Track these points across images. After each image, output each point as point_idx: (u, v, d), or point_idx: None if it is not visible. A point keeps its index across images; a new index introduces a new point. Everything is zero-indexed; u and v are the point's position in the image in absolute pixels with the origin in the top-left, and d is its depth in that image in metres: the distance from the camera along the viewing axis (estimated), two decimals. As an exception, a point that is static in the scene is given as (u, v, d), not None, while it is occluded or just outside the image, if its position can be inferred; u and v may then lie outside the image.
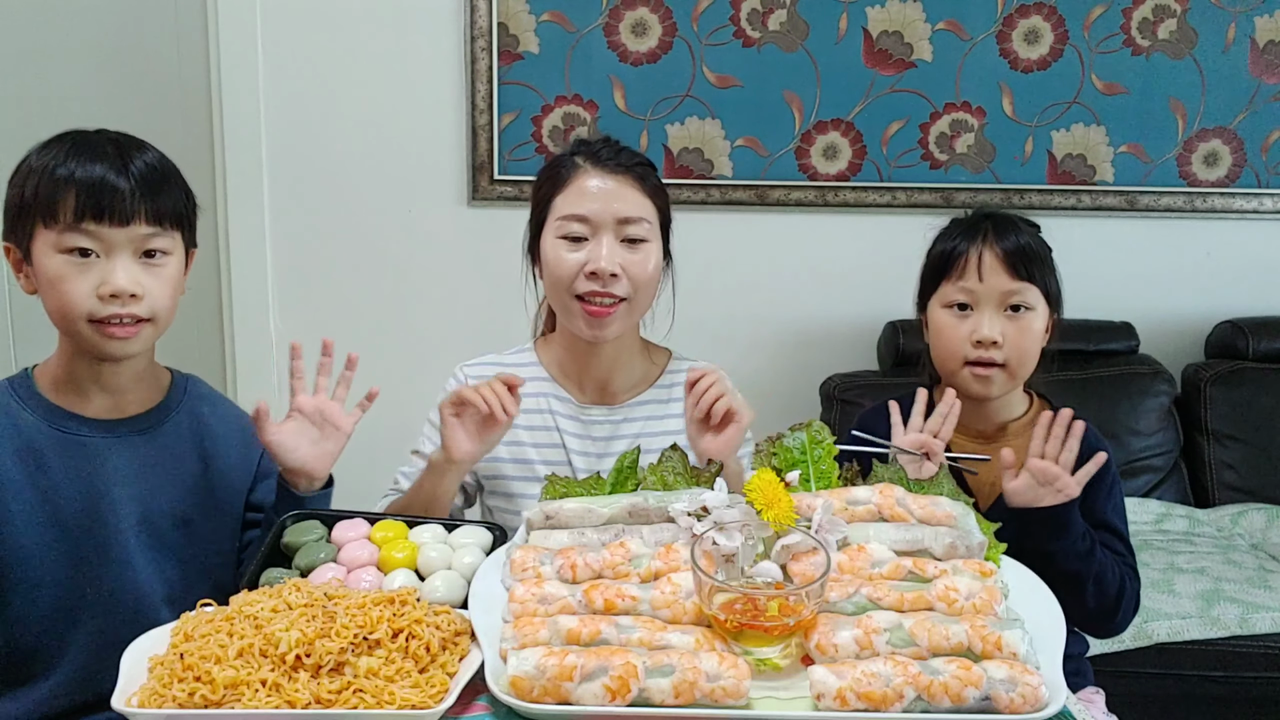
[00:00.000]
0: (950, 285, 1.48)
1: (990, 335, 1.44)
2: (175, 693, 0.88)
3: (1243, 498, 2.52)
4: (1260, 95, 2.64)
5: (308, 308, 2.67)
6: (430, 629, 0.97)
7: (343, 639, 0.91)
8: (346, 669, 0.91)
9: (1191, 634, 2.01)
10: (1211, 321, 2.70)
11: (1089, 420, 1.54)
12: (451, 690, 0.91)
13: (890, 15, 2.57)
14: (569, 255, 1.46)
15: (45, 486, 1.26)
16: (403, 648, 0.94)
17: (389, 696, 0.89)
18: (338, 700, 0.88)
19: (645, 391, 1.58)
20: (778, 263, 2.69)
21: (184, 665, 0.90)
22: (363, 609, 0.96)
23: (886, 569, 1.07)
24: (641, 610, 1.01)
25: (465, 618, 1.03)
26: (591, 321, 1.46)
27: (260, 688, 0.88)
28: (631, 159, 1.49)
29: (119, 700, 0.89)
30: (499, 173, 2.59)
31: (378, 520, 1.22)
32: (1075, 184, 2.66)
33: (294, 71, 2.56)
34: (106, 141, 1.24)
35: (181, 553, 1.33)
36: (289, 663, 0.89)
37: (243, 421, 1.43)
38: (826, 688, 0.90)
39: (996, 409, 1.53)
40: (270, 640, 0.90)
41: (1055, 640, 1.00)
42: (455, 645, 0.99)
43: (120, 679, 0.93)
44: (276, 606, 0.96)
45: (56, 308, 1.23)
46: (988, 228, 1.48)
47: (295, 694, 0.87)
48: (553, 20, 2.53)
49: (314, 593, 0.99)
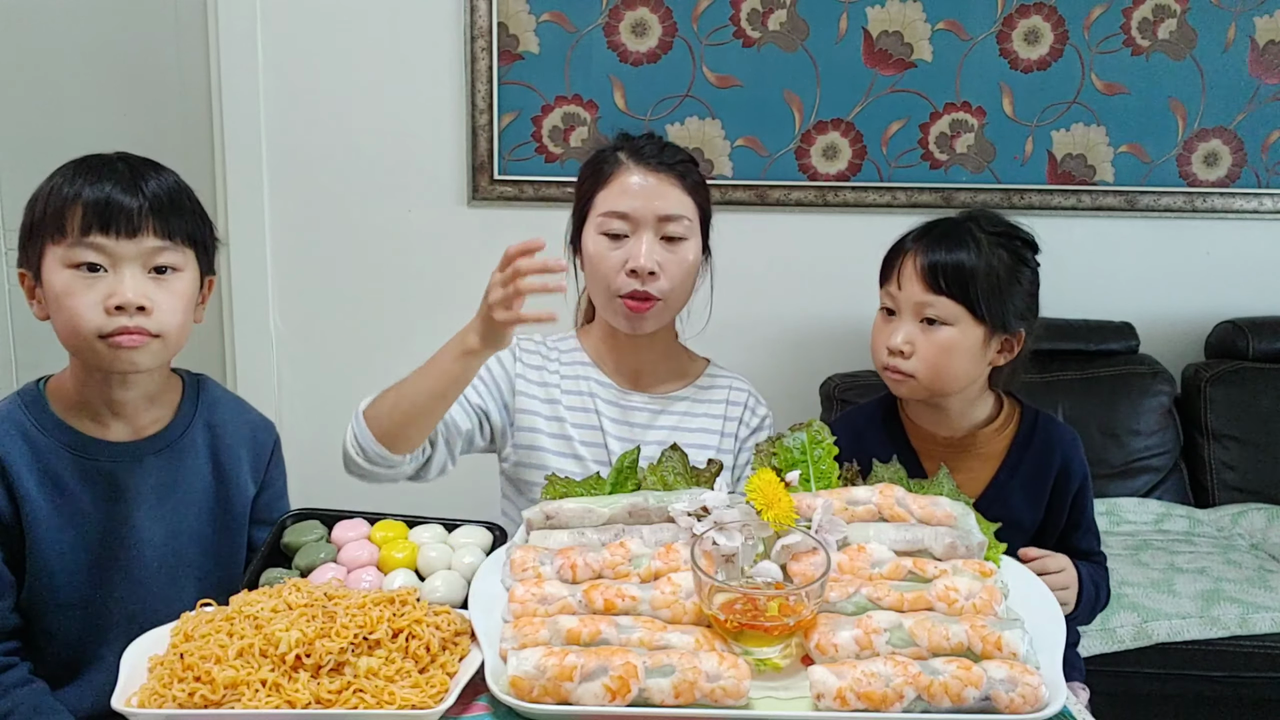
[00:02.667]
0: (883, 289, 1.48)
1: (896, 344, 1.43)
2: (175, 693, 0.88)
3: (1243, 498, 2.52)
4: (1260, 95, 2.64)
5: (308, 308, 2.67)
6: (430, 629, 0.97)
7: (343, 639, 0.91)
8: (346, 669, 0.91)
9: (1191, 634, 2.01)
10: (1211, 321, 2.70)
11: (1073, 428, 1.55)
12: (452, 690, 0.91)
13: (890, 15, 2.57)
14: (610, 253, 1.48)
15: (70, 512, 1.24)
16: (403, 648, 0.94)
17: (389, 696, 0.89)
18: (338, 700, 0.88)
19: (684, 389, 1.61)
20: (778, 263, 2.68)
21: (184, 665, 0.90)
22: (363, 609, 0.96)
23: (886, 569, 1.07)
24: (641, 610, 1.01)
25: (465, 617, 1.03)
26: (631, 316, 1.49)
27: (260, 687, 0.88)
28: (674, 156, 1.51)
29: (119, 700, 0.89)
30: (499, 173, 2.59)
31: (378, 520, 1.23)
32: (1075, 184, 2.66)
33: (294, 71, 2.56)
34: (119, 161, 1.23)
35: (199, 569, 1.33)
36: (289, 663, 0.89)
37: (254, 425, 1.42)
38: (826, 688, 0.90)
39: (958, 415, 1.50)
40: (270, 640, 0.90)
41: (1055, 640, 1.00)
42: (455, 645, 0.99)
43: (120, 679, 0.93)
44: (276, 606, 0.96)
45: (65, 324, 1.20)
46: (932, 233, 1.44)
47: (295, 694, 0.87)
48: (553, 20, 2.53)
49: (314, 592, 0.99)
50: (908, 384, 1.45)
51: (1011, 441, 1.50)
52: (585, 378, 1.59)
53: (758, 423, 1.62)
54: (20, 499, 1.22)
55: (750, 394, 1.64)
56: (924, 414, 1.52)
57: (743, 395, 1.63)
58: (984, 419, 1.52)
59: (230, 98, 2.54)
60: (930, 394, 1.46)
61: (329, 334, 2.68)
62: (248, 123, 2.56)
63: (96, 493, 1.26)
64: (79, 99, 2.68)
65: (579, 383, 1.59)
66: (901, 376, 1.44)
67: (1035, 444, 1.50)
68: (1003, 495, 1.47)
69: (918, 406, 1.53)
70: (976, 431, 1.51)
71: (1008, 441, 1.51)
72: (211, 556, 1.34)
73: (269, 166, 2.58)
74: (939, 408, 1.50)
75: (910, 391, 1.47)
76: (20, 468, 1.22)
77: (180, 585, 1.31)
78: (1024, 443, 1.50)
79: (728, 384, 1.64)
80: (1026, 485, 1.49)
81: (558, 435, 1.56)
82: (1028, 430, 1.51)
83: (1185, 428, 2.59)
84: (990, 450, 1.51)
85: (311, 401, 2.68)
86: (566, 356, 1.62)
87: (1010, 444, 1.50)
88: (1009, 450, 1.50)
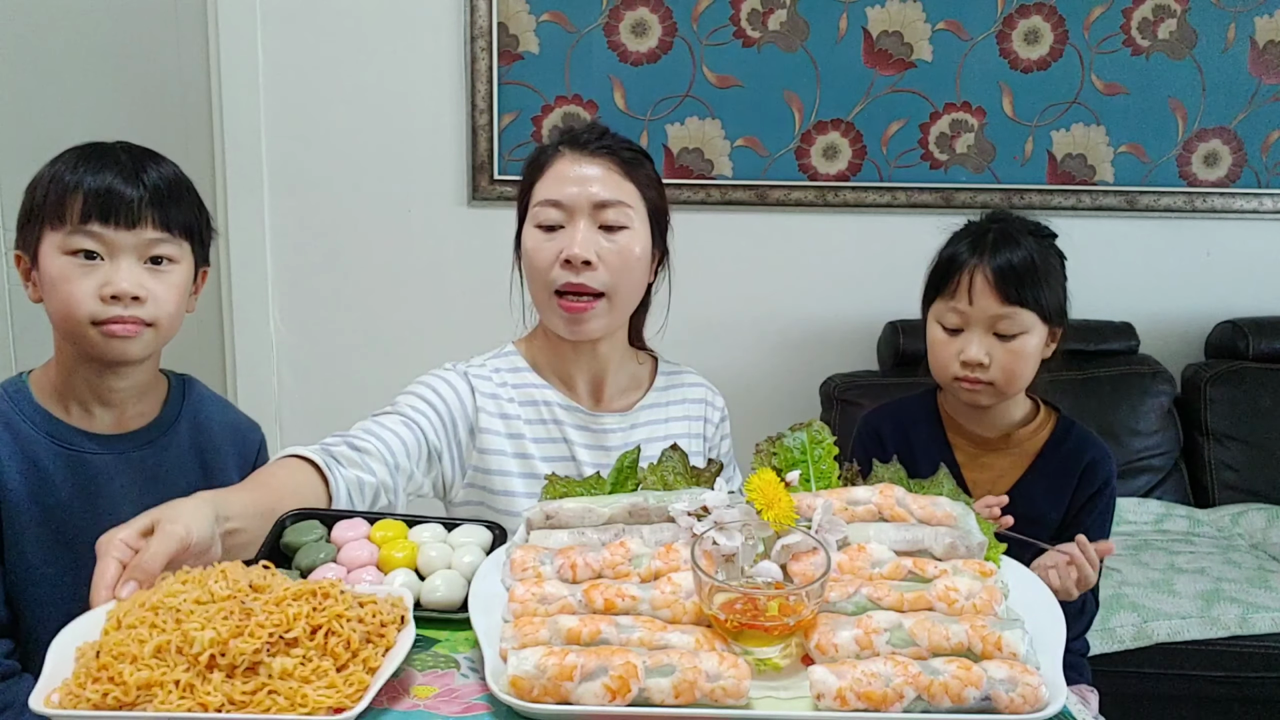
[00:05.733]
0: (943, 303, 1.49)
1: (976, 358, 1.46)
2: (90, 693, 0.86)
3: (1243, 498, 2.52)
4: (1260, 95, 2.64)
5: (308, 308, 2.67)
6: (352, 624, 0.93)
7: (257, 639, 0.89)
8: (261, 669, 0.88)
9: (1191, 634, 2.01)
10: (1211, 321, 2.70)
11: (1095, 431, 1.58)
12: (369, 690, 0.88)
13: (890, 15, 2.57)
14: (544, 244, 1.37)
15: (50, 505, 1.24)
16: (320, 645, 0.91)
17: (301, 699, 0.86)
18: (250, 703, 0.86)
19: (646, 396, 1.52)
20: (778, 263, 2.69)
21: (99, 665, 0.88)
22: (280, 605, 0.93)
23: (886, 569, 1.07)
24: (641, 610, 1.01)
25: (398, 601, 1.00)
26: (568, 318, 1.37)
27: (174, 688, 0.86)
28: (618, 143, 1.41)
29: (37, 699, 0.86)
30: (499, 173, 2.59)
31: (378, 520, 1.22)
32: (1075, 184, 2.66)
33: (294, 71, 2.56)
34: (121, 151, 1.24)
35: None
36: (203, 663, 0.87)
37: (239, 426, 1.42)
38: (826, 688, 0.90)
39: (996, 416, 1.55)
40: (186, 638, 0.88)
41: (1055, 640, 1.00)
42: (381, 638, 0.95)
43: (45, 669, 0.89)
44: (200, 597, 0.93)
45: (58, 309, 1.22)
46: (989, 242, 1.46)
47: (208, 696, 0.86)
48: (553, 20, 2.53)
49: (238, 581, 0.96)
50: (986, 392, 1.48)
51: (1044, 444, 1.54)
52: (545, 402, 1.44)
53: (719, 415, 1.57)
54: (2, 490, 1.21)
55: (704, 387, 1.57)
56: (966, 413, 1.56)
57: (699, 391, 1.56)
58: (1021, 419, 1.56)
59: (230, 98, 2.55)
60: (1003, 398, 1.50)
61: (329, 334, 2.68)
62: (248, 123, 2.56)
63: (78, 485, 1.26)
64: (79, 98, 2.68)
65: (539, 409, 1.44)
66: (981, 386, 1.47)
67: (1066, 448, 1.54)
68: (1029, 493, 1.50)
69: (960, 406, 1.56)
70: (1012, 432, 1.55)
71: (1040, 444, 1.55)
72: None
73: (269, 166, 2.59)
74: (985, 408, 1.53)
75: (987, 398, 1.49)
76: (3, 457, 1.22)
77: None
78: (1055, 446, 1.54)
79: (681, 381, 1.56)
80: (1052, 485, 1.52)
81: (528, 475, 1.42)
82: (1061, 435, 1.55)
83: (1185, 428, 2.60)
84: (1023, 450, 1.55)
85: (311, 401, 2.68)
86: (514, 379, 1.45)
87: (1043, 447, 1.54)
88: (1040, 452, 1.54)
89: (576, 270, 1.35)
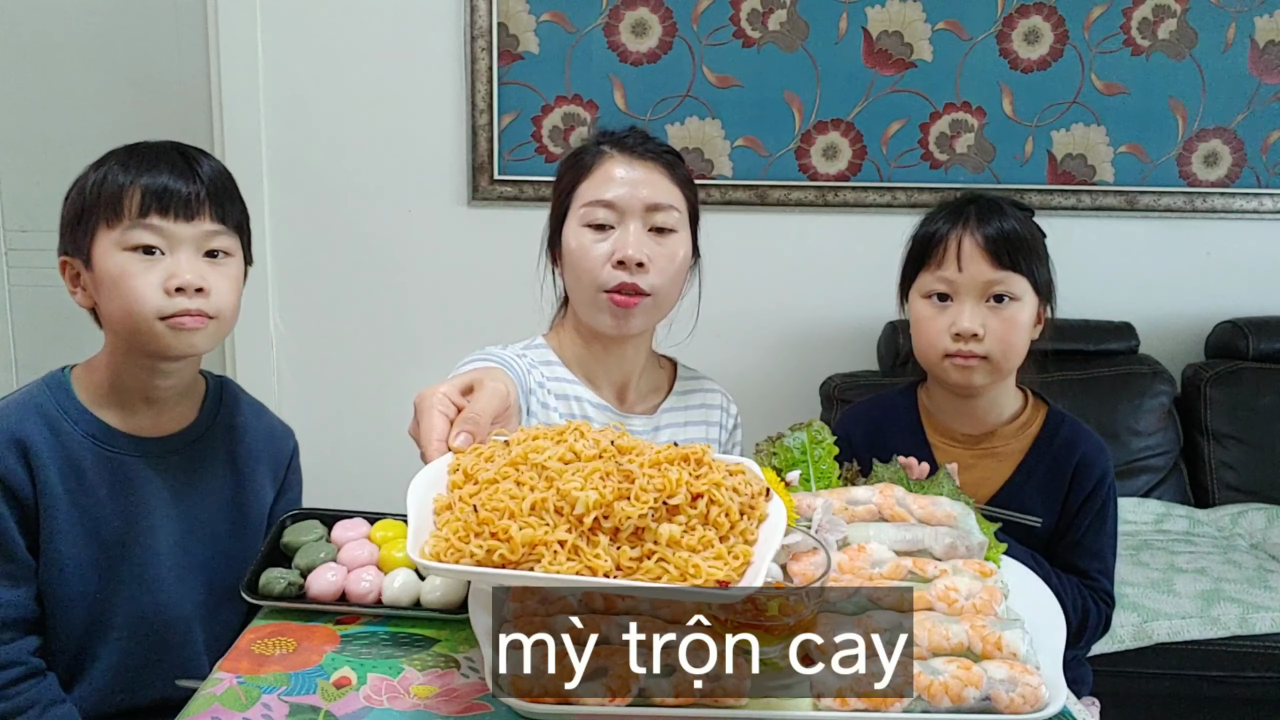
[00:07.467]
0: (929, 274, 1.41)
1: (970, 327, 1.36)
2: (474, 548, 0.82)
3: (1243, 498, 2.52)
4: (1260, 95, 2.64)
5: (308, 308, 2.67)
6: (728, 493, 0.87)
7: (643, 504, 0.84)
8: (645, 535, 0.83)
9: (1191, 634, 2.01)
10: (1211, 321, 2.70)
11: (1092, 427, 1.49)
12: (756, 562, 0.83)
13: (890, 15, 2.57)
14: (595, 245, 1.38)
15: (86, 504, 1.23)
16: (703, 514, 0.86)
17: (693, 569, 0.81)
18: (639, 570, 0.82)
19: (667, 399, 1.53)
20: (778, 263, 2.69)
21: (479, 519, 0.83)
22: (659, 469, 0.87)
23: (886, 569, 1.07)
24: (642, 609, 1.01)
25: (759, 477, 0.94)
26: (618, 313, 1.38)
27: (559, 549, 0.81)
28: (660, 147, 1.44)
29: (414, 550, 0.81)
30: (499, 173, 2.59)
31: (377, 520, 1.22)
32: (1075, 184, 2.66)
33: (294, 71, 2.56)
34: (171, 149, 1.24)
35: (211, 572, 1.32)
36: (586, 524, 0.83)
37: (274, 432, 1.42)
38: (826, 687, 0.90)
39: (985, 409, 1.45)
40: (565, 497, 0.83)
41: (1055, 640, 1.00)
42: (752, 510, 0.89)
43: (410, 522, 0.85)
44: (564, 455, 0.88)
45: (121, 306, 1.19)
46: (971, 212, 1.40)
47: (596, 559, 0.81)
48: (553, 20, 2.53)
49: (600, 441, 0.91)
50: (980, 368, 1.38)
51: (1033, 442, 1.45)
52: (578, 398, 1.45)
53: (733, 423, 1.58)
54: (40, 485, 1.20)
55: (721, 394, 1.58)
56: (949, 409, 1.47)
57: (716, 397, 1.57)
58: (1008, 416, 1.47)
59: (230, 98, 2.55)
60: (998, 376, 1.40)
61: (329, 334, 2.68)
62: (248, 123, 2.56)
63: (114, 486, 1.25)
64: (79, 99, 2.68)
65: (570, 404, 1.44)
66: (976, 361, 1.37)
67: (1056, 446, 1.44)
68: (1018, 498, 1.40)
69: (942, 401, 1.48)
70: (998, 429, 1.46)
71: (1028, 442, 1.45)
72: (224, 559, 1.32)
73: (269, 166, 2.59)
74: (969, 401, 1.44)
75: (981, 376, 1.39)
76: (44, 454, 1.21)
77: (190, 587, 1.30)
78: (1045, 444, 1.44)
79: (700, 386, 1.57)
80: (1043, 488, 1.42)
81: None
82: (1051, 431, 1.45)
83: (1185, 428, 2.60)
84: (1008, 450, 1.45)
85: (311, 401, 2.68)
86: (549, 372, 1.45)
87: (1031, 445, 1.45)
88: (1029, 451, 1.44)
89: (630, 271, 1.37)
